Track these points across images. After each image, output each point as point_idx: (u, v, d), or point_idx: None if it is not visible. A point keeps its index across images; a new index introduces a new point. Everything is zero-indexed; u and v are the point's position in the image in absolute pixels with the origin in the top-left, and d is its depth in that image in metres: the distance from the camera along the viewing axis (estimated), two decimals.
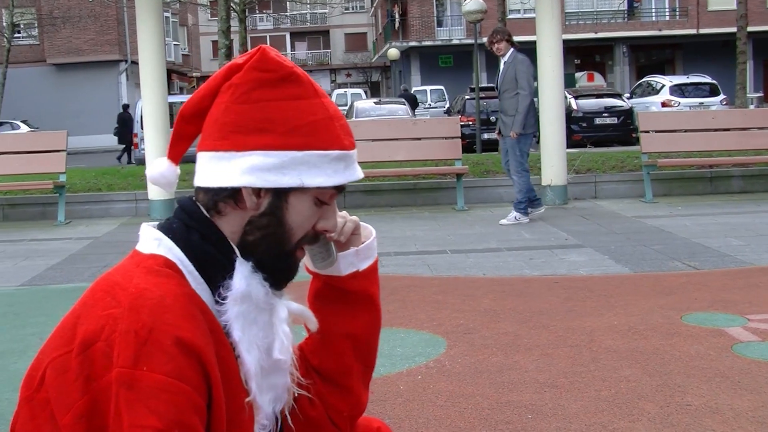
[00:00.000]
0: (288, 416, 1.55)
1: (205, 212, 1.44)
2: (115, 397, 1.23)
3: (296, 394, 1.57)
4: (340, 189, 1.47)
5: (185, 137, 1.51)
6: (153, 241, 1.42)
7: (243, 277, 1.41)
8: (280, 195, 1.42)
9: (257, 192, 1.41)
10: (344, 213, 1.59)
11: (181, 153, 1.53)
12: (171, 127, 1.58)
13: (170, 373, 1.24)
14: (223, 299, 1.39)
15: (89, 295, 1.37)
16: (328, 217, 1.49)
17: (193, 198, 1.47)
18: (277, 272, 1.46)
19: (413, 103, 31.17)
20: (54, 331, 1.37)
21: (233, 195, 1.42)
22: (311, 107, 1.43)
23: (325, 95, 1.47)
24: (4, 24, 33.05)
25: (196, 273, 1.40)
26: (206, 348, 1.31)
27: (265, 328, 1.44)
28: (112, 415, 1.23)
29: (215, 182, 1.42)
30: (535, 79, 9.54)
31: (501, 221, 9.23)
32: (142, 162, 17.13)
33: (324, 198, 1.46)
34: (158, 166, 1.53)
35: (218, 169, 1.42)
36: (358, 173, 1.48)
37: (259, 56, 1.43)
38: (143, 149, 14.44)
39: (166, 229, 1.43)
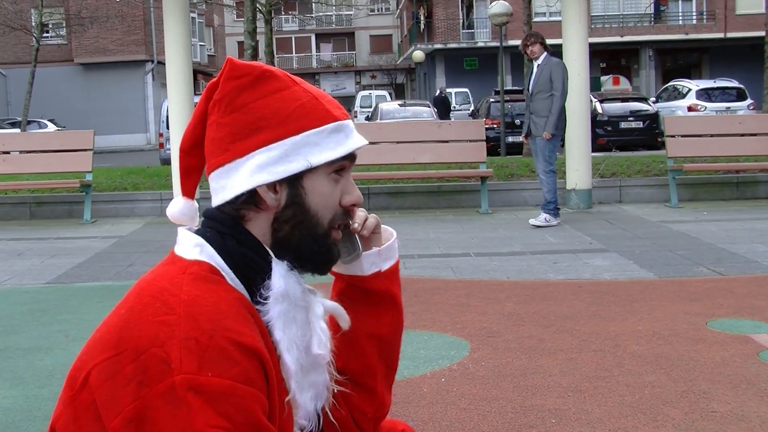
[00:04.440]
0: (329, 413, 1.56)
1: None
2: (184, 401, 1.23)
3: (335, 391, 1.58)
4: (351, 159, 1.51)
5: (192, 170, 1.55)
6: (195, 247, 1.42)
7: (281, 276, 1.43)
8: (295, 183, 1.44)
9: (273, 188, 1.44)
10: (364, 211, 1.61)
11: (193, 187, 1.56)
12: None
13: (236, 377, 1.25)
14: (265, 299, 1.41)
15: (135, 299, 1.36)
16: (350, 191, 1.51)
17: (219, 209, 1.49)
18: (317, 257, 1.49)
19: (446, 107, 31.01)
20: (97, 333, 1.37)
21: (252, 199, 1.44)
22: (294, 94, 1.47)
23: (302, 82, 1.52)
24: (33, 23, 33.29)
25: (236, 278, 1.41)
26: (264, 350, 1.32)
27: (303, 326, 1.45)
28: (183, 419, 1.23)
29: (231, 193, 1.44)
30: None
31: (531, 220, 9.22)
32: (167, 162, 17.21)
33: (337, 170, 1.48)
34: (175, 205, 1.56)
35: (230, 181, 1.45)
36: (361, 140, 1.52)
37: (229, 66, 1.49)
38: (169, 149, 14.52)
39: (201, 237, 1.45)
